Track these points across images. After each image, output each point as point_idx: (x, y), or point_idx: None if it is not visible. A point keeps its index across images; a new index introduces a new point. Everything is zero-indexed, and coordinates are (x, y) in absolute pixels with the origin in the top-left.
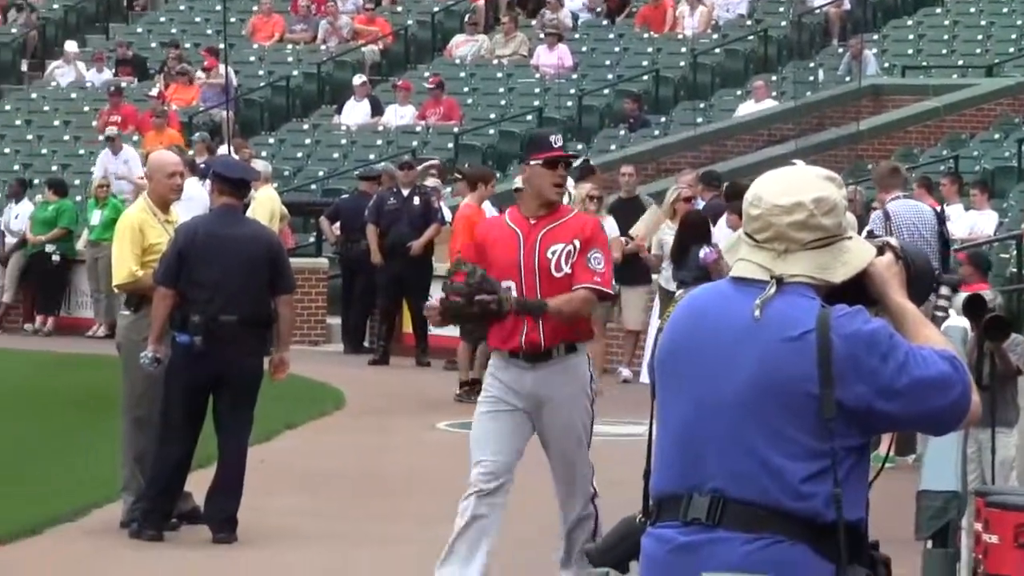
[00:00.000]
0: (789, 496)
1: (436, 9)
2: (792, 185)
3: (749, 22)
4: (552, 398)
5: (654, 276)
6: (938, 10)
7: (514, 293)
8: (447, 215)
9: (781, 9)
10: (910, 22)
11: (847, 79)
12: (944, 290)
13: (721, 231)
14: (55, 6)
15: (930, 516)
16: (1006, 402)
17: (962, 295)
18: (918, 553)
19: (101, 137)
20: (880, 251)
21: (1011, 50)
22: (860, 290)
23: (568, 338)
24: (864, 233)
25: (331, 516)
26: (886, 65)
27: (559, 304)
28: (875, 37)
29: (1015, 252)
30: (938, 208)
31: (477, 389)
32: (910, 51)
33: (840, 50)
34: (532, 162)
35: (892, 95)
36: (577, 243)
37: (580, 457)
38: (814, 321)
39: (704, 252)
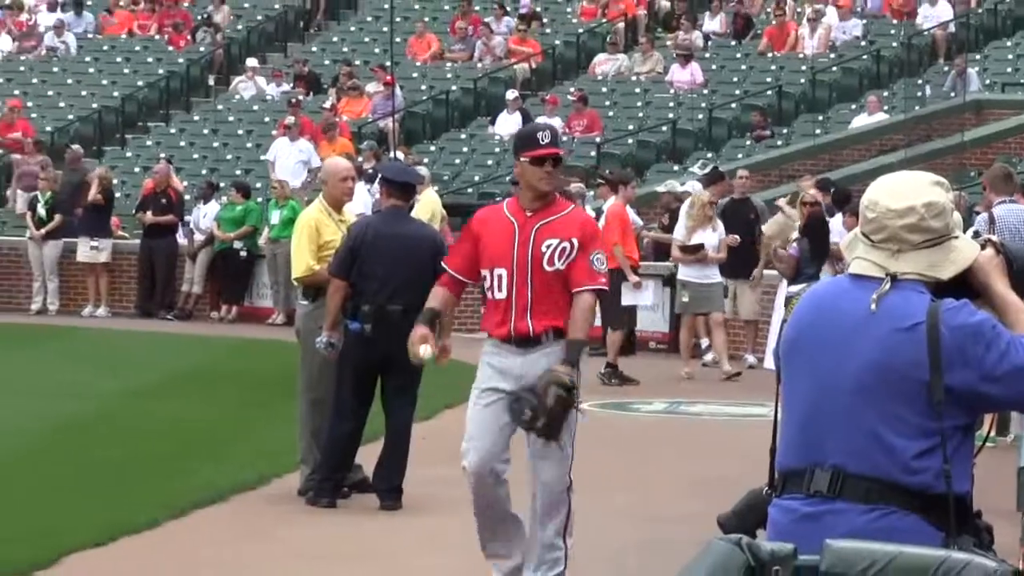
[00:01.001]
0: (902, 471)
1: (581, 31)
2: (904, 190)
3: (863, 43)
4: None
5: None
6: None
7: (504, 294)
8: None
9: (892, 31)
10: (1009, 43)
11: (952, 95)
12: None
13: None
14: (239, 27)
15: None
16: None
17: None
18: (1017, 524)
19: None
20: (983, 247)
21: None
22: (966, 283)
23: (556, 325)
24: (970, 233)
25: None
26: (988, 82)
27: (583, 328)
28: (977, 56)
29: None
30: None
31: (616, 373)
32: (1009, 69)
33: (946, 68)
34: (522, 159)
35: (993, 109)
36: (575, 241)
37: (563, 459)
38: (925, 314)
39: (791, 249)
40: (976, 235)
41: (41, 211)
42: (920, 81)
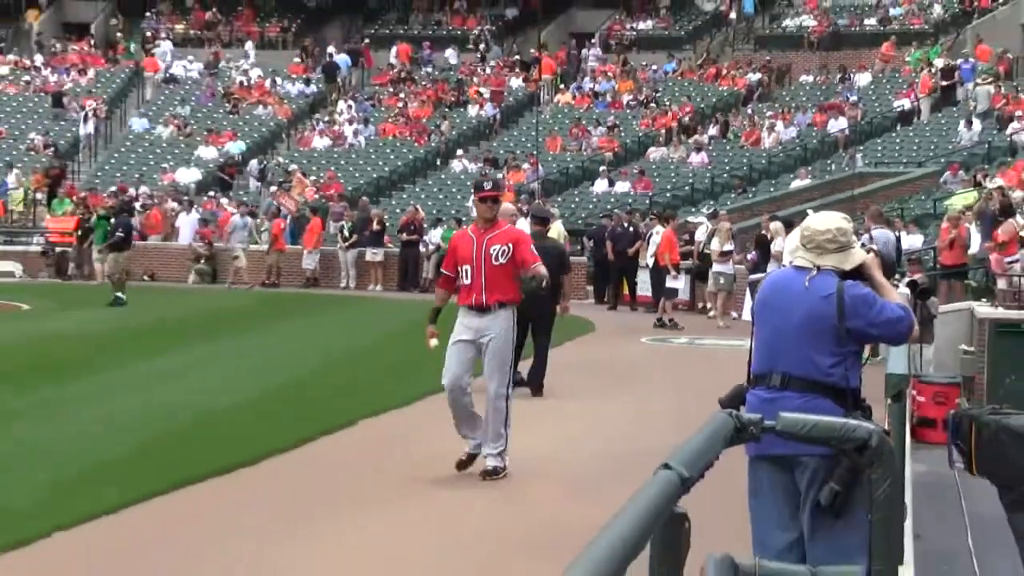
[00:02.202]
0: (822, 374)
1: (641, 134)
2: (826, 220)
3: (797, 140)
4: (489, 333)
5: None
6: None
7: (469, 280)
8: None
9: (814, 133)
10: (879, 140)
11: (846, 168)
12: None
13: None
14: (453, 132)
15: (892, 386)
16: (928, 331)
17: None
18: (885, 407)
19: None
20: (868, 252)
21: None
22: (859, 273)
23: (500, 300)
24: (860, 242)
25: (596, 386)
26: (867, 161)
27: (542, 272)
28: (861, 147)
29: None
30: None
31: (666, 323)
32: (879, 154)
33: (843, 154)
34: (475, 198)
35: (870, 177)
36: (511, 245)
37: (503, 368)
38: (835, 288)
39: (750, 255)
40: (863, 246)
41: (345, 232)
42: (829, 161)
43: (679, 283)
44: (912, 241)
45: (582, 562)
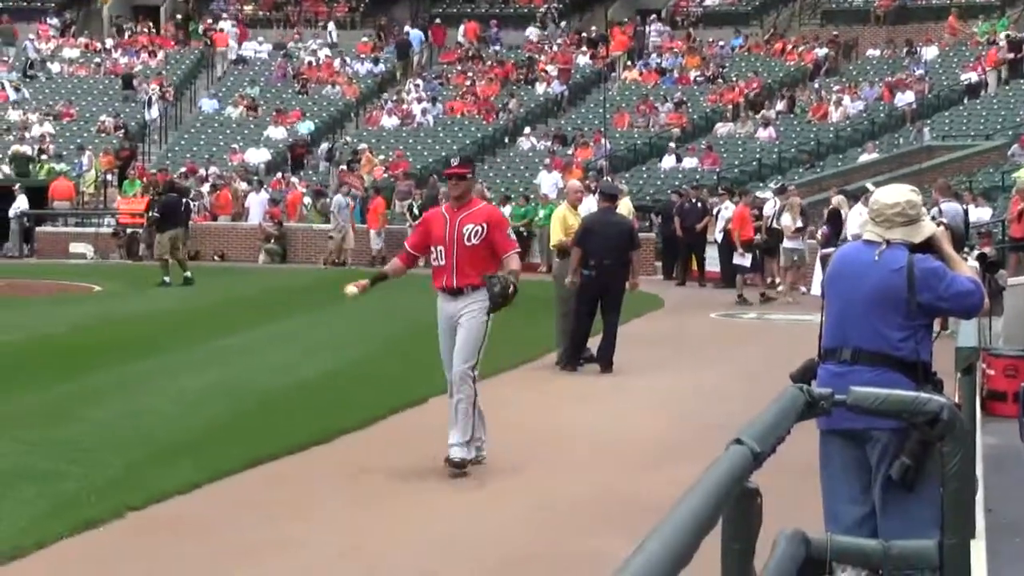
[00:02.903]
0: (892, 348)
1: (708, 110)
2: (894, 194)
3: (864, 114)
4: (462, 314)
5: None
6: None
7: (443, 261)
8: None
9: (881, 107)
10: (946, 114)
11: (913, 142)
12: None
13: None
14: (521, 109)
15: (962, 359)
16: (997, 304)
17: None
18: (956, 380)
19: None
20: (938, 225)
21: None
22: (928, 246)
23: (473, 283)
24: (929, 216)
25: (664, 362)
26: (934, 135)
27: (517, 271)
28: (928, 121)
29: None
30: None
31: (743, 299)
32: (947, 128)
33: (911, 128)
34: (444, 176)
35: (938, 151)
36: (486, 225)
37: (470, 352)
38: (905, 261)
39: (823, 229)
40: (933, 219)
41: (415, 211)
42: (897, 135)
43: (746, 260)
44: (980, 214)
45: (657, 536)
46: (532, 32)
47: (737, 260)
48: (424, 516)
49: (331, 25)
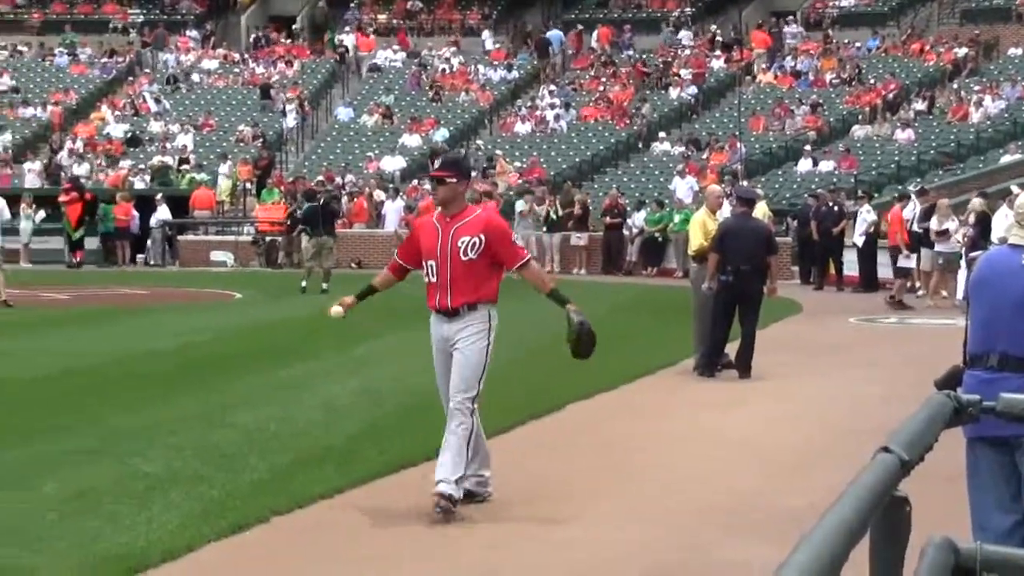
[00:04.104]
0: None
1: (845, 112)
2: None
3: (1006, 114)
4: (459, 338)
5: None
6: None
7: (435, 278)
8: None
9: (1022, 107)
10: None
11: None
12: None
13: None
14: (655, 115)
15: None
16: None
17: None
18: None
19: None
20: None
21: None
22: None
23: (469, 301)
24: None
25: (804, 367)
26: None
27: (547, 282)
28: None
29: None
30: None
31: (897, 303)
32: None
33: None
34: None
35: None
36: (483, 237)
37: (472, 374)
38: None
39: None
40: None
41: (552, 216)
42: None
43: (910, 262)
44: None
45: (806, 546)
46: (665, 35)
47: (902, 262)
48: (570, 522)
49: (485, 34)
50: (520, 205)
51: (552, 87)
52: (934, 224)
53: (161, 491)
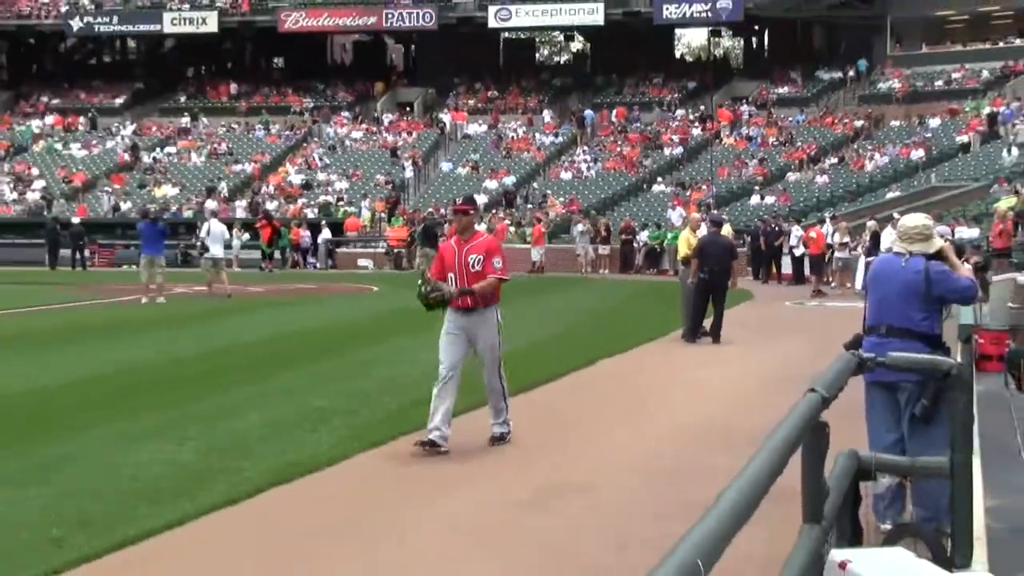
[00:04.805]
0: (915, 325)
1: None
2: (915, 219)
3: None
4: (478, 332)
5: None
6: None
7: (455, 287)
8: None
9: None
10: None
11: None
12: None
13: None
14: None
15: (962, 332)
16: (985, 294)
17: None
18: (958, 347)
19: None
20: (944, 241)
21: None
22: (940, 256)
23: (481, 304)
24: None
25: (755, 336)
26: None
27: (481, 286)
28: None
29: None
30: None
31: (817, 293)
32: None
33: None
34: (453, 211)
35: None
36: (485, 254)
37: (494, 358)
38: (923, 266)
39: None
40: (941, 237)
41: (591, 233)
42: (912, 179)
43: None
44: (972, 232)
45: (764, 453)
46: (659, 113)
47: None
48: (599, 439)
49: (547, 113)
50: (580, 227)
51: (585, 147)
52: (837, 238)
53: (325, 420)
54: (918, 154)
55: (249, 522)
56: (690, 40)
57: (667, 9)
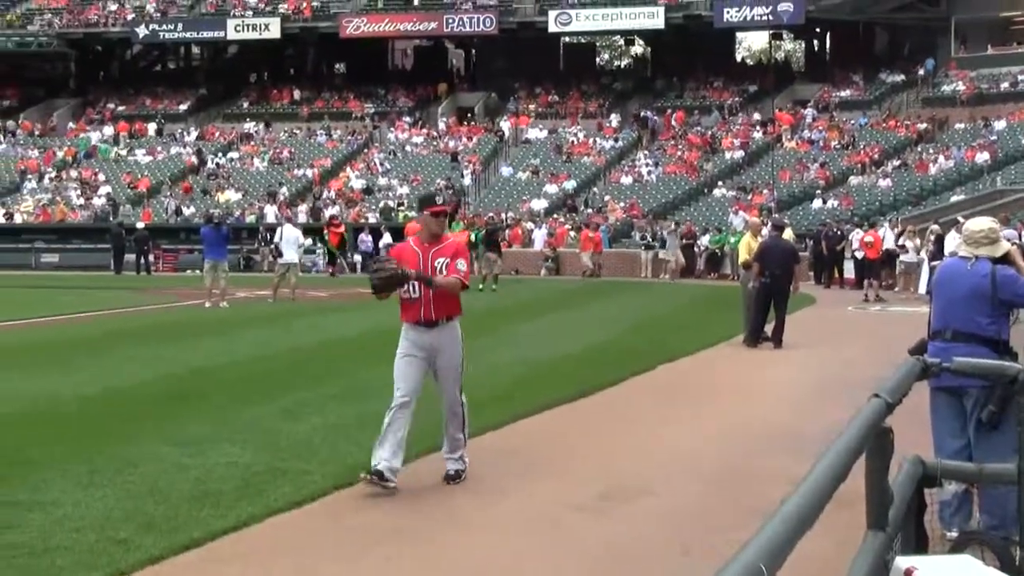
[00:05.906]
0: (981, 330)
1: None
2: (981, 223)
3: None
4: (442, 347)
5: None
6: None
7: (418, 294)
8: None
9: None
10: None
11: None
12: None
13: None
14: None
15: None
16: None
17: None
18: None
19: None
20: (1012, 245)
21: None
22: (1007, 260)
23: (447, 315)
24: (1004, 238)
25: (818, 340)
26: None
27: (440, 281)
28: None
29: None
30: None
31: (875, 298)
32: None
33: None
34: (425, 212)
35: None
36: (452, 256)
37: (456, 377)
38: (989, 270)
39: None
40: (1008, 241)
41: (649, 239)
42: (977, 183)
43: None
44: None
45: (827, 458)
46: (719, 116)
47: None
48: (664, 436)
49: (614, 117)
50: (667, 231)
51: (646, 151)
52: (904, 241)
53: None
54: (983, 157)
55: (314, 524)
56: (751, 43)
57: (728, 12)
